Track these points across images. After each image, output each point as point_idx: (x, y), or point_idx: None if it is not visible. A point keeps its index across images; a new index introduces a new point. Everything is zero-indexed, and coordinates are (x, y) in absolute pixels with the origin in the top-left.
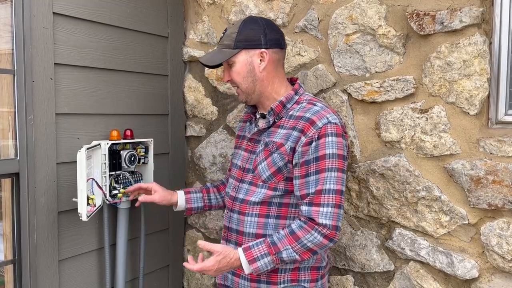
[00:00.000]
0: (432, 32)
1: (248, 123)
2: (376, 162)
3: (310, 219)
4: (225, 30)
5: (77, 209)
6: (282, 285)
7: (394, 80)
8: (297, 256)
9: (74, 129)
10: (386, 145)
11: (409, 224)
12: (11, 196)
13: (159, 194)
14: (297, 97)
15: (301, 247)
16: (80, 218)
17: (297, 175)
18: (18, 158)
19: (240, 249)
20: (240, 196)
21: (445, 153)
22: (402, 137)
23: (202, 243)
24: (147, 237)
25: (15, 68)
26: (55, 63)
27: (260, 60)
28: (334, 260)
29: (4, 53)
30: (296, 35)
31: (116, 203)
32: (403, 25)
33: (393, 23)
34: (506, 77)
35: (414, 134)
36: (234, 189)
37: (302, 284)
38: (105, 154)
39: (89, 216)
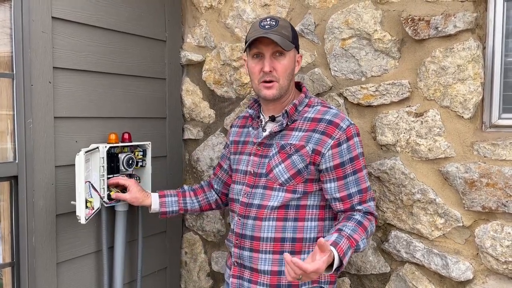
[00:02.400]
0: (427, 37)
1: (249, 129)
2: (372, 165)
3: (369, 213)
4: (273, 19)
5: (75, 212)
6: (303, 287)
7: (389, 84)
8: (367, 245)
9: (72, 133)
10: (381, 148)
11: (404, 226)
12: (9, 199)
13: (131, 194)
14: (307, 100)
15: (367, 236)
16: (79, 221)
17: (332, 177)
18: (16, 161)
19: (333, 249)
20: (256, 201)
21: (440, 156)
22: (397, 141)
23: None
24: (144, 239)
25: (14, 72)
26: (53, 67)
27: (297, 62)
28: None
29: (3, 56)
30: None
31: (113, 204)
32: (398, 30)
33: (388, 28)
34: (499, 81)
35: (409, 137)
36: (246, 195)
37: (322, 286)
38: (103, 157)
39: (87, 219)
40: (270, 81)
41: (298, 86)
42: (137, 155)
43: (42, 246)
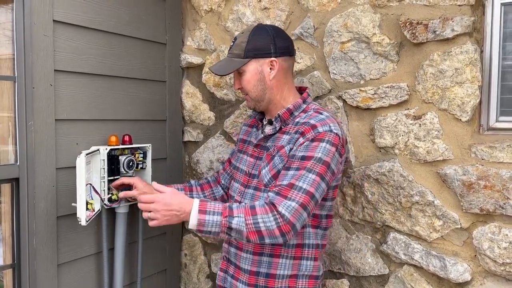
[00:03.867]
0: (425, 41)
1: (254, 129)
2: (371, 168)
3: (272, 204)
4: (235, 39)
5: (76, 214)
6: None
7: (388, 87)
8: (244, 230)
9: (73, 135)
10: (380, 151)
11: (403, 228)
12: (10, 201)
13: (138, 190)
14: (304, 106)
15: (253, 223)
16: (79, 222)
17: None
18: (18, 164)
19: (197, 199)
20: (246, 201)
21: (438, 159)
22: (396, 143)
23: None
24: (144, 241)
25: (16, 74)
26: (55, 70)
27: (270, 69)
28: (330, 264)
29: (4, 59)
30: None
31: (113, 206)
32: (396, 34)
33: (387, 32)
34: (497, 84)
35: (408, 140)
36: (239, 194)
37: None
38: (103, 160)
39: (88, 220)
40: (246, 94)
41: (302, 91)
42: (138, 157)
43: (43, 248)
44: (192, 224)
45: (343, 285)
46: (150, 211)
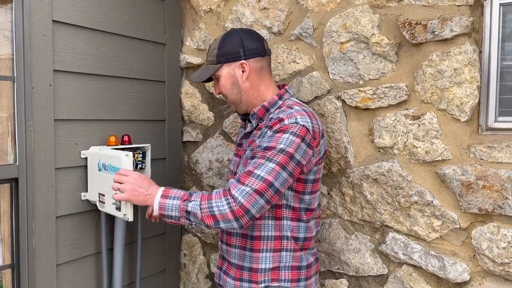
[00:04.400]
0: (424, 41)
1: (242, 129)
2: (370, 168)
3: (228, 189)
4: (210, 46)
5: (75, 213)
6: (263, 284)
7: (387, 87)
8: (199, 213)
9: (72, 135)
10: (379, 151)
11: (402, 228)
12: (10, 201)
13: None
14: (280, 102)
15: (207, 208)
16: (127, 219)
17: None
18: (17, 164)
19: (164, 186)
20: None
21: (437, 159)
22: (395, 143)
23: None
24: (144, 241)
25: (15, 74)
26: (54, 70)
27: (242, 71)
28: (329, 264)
29: (3, 59)
30: (292, 43)
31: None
32: (395, 34)
33: (386, 32)
34: (495, 84)
35: (407, 140)
36: None
37: (283, 284)
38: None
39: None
40: (226, 98)
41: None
42: (137, 157)
43: (42, 248)
44: (155, 209)
45: (342, 285)
46: (121, 184)
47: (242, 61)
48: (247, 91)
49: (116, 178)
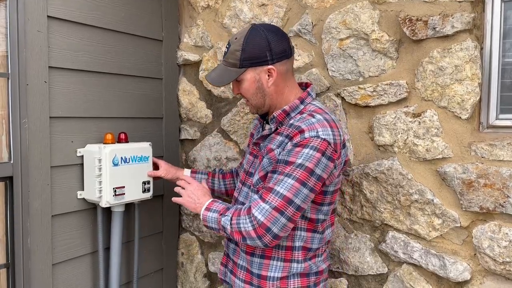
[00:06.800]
0: (425, 37)
1: (260, 126)
2: (370, 166)
3: (250, 207)
4: (229, 44)
5: (70, 212)
6: None
7: (387, 84)
8: (229, 228)
9: (68, 133)
10: (379, 149)
11: (402, 227)
12: (4, 200)
13: (164, 169)
14: (302, 107)
15: (236, 224)
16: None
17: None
18: (12, 162)
19: (212, 199)
20: (241, 199)
21: (437, 157)
22: (395, 141)
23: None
24: (141, 240)
25: (9, 71)
26: (49, 67)
27: (268, 76)
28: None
29: None
30: (290, 39)
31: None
32: (396, 30)
33: (386, 28)
34: (497, 82)
35: (407, 138)
36: (237, 191)
37: None
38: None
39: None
40: (247, 100)
41: (307, 87)
42: None
43: (38, 247)
44: (201, 219)
45: (341, 284)
46: (183, 189)
47: (269, 67)
48: (271, 95)
49: (181, 183)
